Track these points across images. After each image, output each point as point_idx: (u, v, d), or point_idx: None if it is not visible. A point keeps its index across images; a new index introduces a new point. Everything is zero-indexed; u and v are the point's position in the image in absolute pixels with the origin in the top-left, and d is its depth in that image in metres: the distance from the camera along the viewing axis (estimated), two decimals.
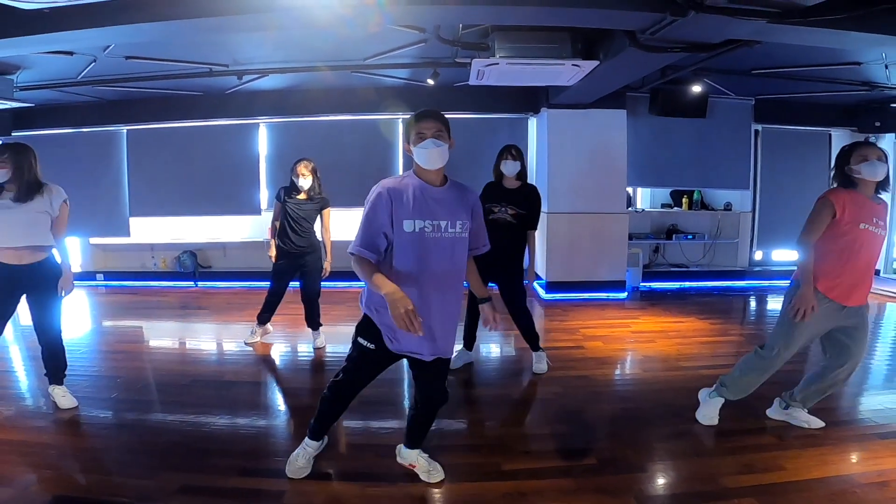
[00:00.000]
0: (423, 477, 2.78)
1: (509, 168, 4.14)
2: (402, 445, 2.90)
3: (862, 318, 3.16)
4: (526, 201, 4.18)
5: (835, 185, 3.19)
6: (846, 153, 3.13)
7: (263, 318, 5.15)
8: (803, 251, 3.13)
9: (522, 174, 4.23)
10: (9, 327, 3.50)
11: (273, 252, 4.89)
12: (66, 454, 3.08)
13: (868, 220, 3.02)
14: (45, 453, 3.07)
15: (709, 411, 3.44)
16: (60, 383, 3.71)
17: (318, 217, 4.87)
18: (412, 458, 2.84)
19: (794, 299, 3.07)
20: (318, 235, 4.93)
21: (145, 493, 2.70)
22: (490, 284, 4.16)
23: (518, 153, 4.17)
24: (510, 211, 4.13)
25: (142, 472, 2.93)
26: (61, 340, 3.68)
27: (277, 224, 4.87)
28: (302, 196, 4.74)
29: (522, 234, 4.22)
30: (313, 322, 5.08)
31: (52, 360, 3.66)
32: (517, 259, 4.25)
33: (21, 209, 3.40)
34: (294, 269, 4.91)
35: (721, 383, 3.41)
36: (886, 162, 3.04)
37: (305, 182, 4.68)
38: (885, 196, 3.19)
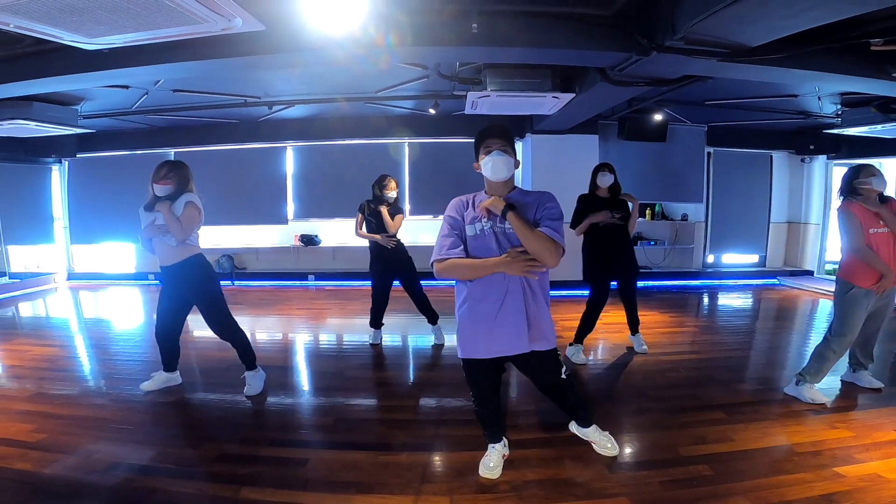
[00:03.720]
0: (598, 450, 2.69)
1: (605, 180, 4.15)
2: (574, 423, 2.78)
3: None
4: (620, 205, 4.18)
5: (841, 199, 3.34)
6: (855, 171, 3.30)
7: (375, 322, 4.76)
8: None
9: (615, 187, 4.22)
10: (77, 319, 3.47)
11: (379, 237, 4.47)
12: (122, 428, 3.09)
13: (875, 225, 3.20)
14: (103, 427, 3.08)
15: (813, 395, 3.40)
16: (250, 369, 3.60)
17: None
18: (590, 435, 2.74)
19: None
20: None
21: (189, 460, 2.72)
22: (612, 284, 4.29)
23: (612, 168, 4.20)
24: (616, 215, 4.12)
25: (186, 442, 2.94)
26: (233, 332, 3.51)
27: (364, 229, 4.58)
28: (384, 207, 4.46)
29: (628, 233, 4.23)
30: (430, 315, 4.74)
31: (237, 347, 3.53)
32: (633, 257, 4.32)
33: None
34: (391, 270, 4.59)
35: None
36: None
37: (393, 194, 4.45)
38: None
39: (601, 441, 2.72)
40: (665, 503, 2.32)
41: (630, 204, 4.24)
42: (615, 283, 4.33)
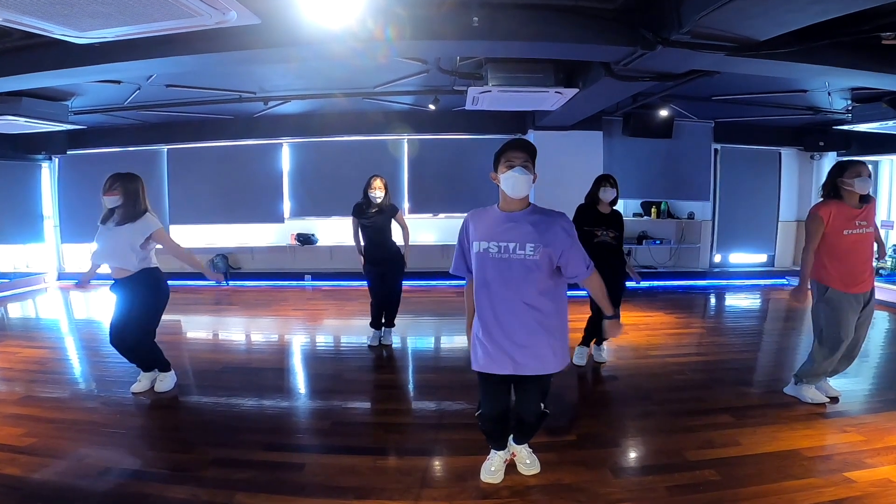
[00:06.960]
0: (520, 468, 2.60)
1: (608, 195, 3.96)
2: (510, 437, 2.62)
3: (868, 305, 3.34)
4: (618, 224, 4.05)
5: (822, 196, 3.31)
6: (841, 168, 3.23)
7: (375, 322, 4.77)
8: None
9: (615, 201, 4.05)
10: (68, 320, 3.47)
11: (363, 260, 4.63)
12: (114, 432, 3.08)
13: (851, 226, 3.16)
14: (95, 430, 3.08)
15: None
16: (149, 370, 3.66)
17: (392, 222, 4.59)
18: (516, 449, 2.62)
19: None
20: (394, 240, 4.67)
21: (182, 464, 2.71)
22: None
23: (615, 182, 4.00)
24: (611, 234, 3.96)
25: (179, 446, 2.93)
26: (142, 342, 3.54)
27: (361, 239, 4.61)
28: (374, 209, 4.46)
29: (622, 253, 4.08)
30: (389, 320, 4.78)
31: (133, 356, 3.58)
32: (622, 278, 4.06)
33: (115, 232, 3.41)
34: (383, 269, 4.60)
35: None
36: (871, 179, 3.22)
37: (380, 195, 4.42)
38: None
39: (523, 457, 2.62)
40: None
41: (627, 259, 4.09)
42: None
